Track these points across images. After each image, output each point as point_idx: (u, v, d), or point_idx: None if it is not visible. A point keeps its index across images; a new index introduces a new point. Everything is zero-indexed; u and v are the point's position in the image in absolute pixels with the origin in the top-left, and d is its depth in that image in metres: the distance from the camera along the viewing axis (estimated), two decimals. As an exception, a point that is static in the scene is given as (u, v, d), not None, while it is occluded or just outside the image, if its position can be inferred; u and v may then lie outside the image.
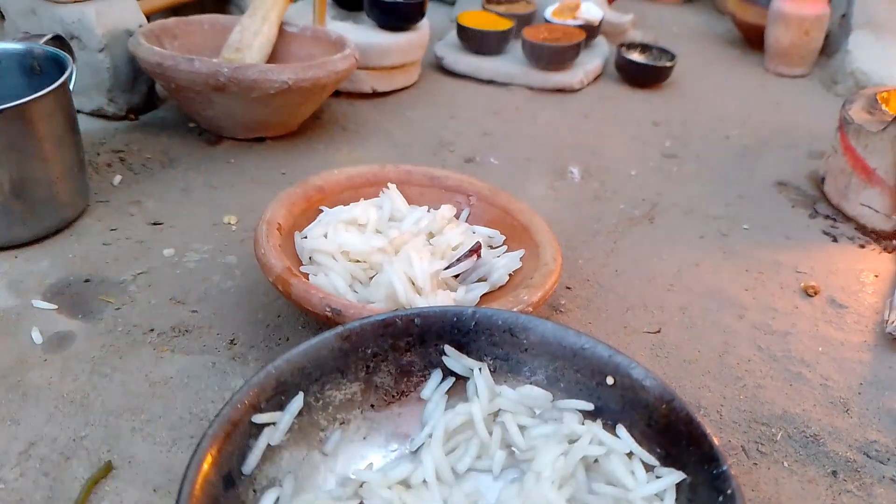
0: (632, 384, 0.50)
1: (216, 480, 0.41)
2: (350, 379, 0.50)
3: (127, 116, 1.04)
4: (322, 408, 0.49)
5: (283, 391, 0.47)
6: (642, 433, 0.49)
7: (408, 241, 0.67)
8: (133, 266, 0.76)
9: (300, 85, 0.93)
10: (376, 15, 1.23)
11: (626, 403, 0.50)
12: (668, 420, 0.48)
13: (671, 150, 1.16)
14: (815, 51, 1.56)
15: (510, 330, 0.53)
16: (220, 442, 0.42)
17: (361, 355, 0.51)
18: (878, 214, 0.95)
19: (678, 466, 0.47)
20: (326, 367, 0.49)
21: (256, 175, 0.95)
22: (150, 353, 0.65)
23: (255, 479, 0.44)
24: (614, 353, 0.51)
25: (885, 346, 0.74)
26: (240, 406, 0.44)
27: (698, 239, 0.91)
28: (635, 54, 1.45)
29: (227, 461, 0.43)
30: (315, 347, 0.49)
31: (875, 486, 0.59)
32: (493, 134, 1.15)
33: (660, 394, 0.49)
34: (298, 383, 0.48)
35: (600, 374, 0.51)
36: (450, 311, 0.53)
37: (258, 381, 0.46)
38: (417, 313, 0.52)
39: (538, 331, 0.53)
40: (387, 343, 0.52)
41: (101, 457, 0.55)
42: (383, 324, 0.51)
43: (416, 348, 0.52)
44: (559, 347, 0.53)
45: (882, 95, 1.04)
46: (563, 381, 0.53)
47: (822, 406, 0.66)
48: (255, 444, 0.45)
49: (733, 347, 0.72)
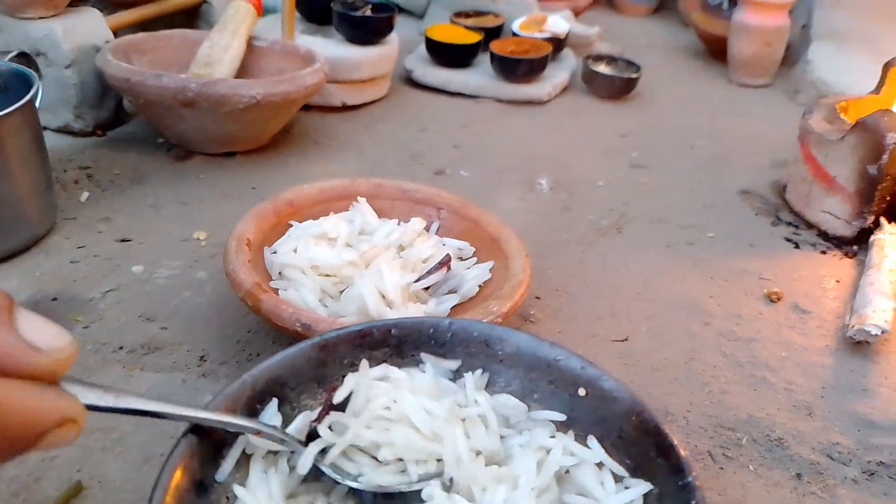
0: (603, 395, 0.51)
1: (188, 488, 0.41)
2: (326, 388, 0.51)
3: (94, 133, 1.04)
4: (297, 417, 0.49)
5: (259, 400, 0.47)
6: (613, 444, 0.50)
7: (378, 254, 0.68)
8: (102, 283, 0.75)
9: (270, 99, 0.93)
10: (345, 29, 1.24)
11: (597, 415, 0.51)
12: (638, 431, 0.49)
13: (638, 160, 1.18)
14: (777, 61, 1.60)
15: (486, 341, 0.54)
16: (193, 450, 0.42)
17: (338, 365, 0.51)
18: (839, 221, 0.97)
19: (646, 477, 0.48)
20: (302, 377, 0.50)
21: (227, 190, 0.95)
22: (120, 370, 0.65)
23: (229, 488, 0.44)
24: (587, 365, 0.52)
25: (846, 350, 0.76)
26: (213, 414, 0.44)
27: (665, 248, 0.93)
28: (602, 66, 1.47)
29: (200, 469, 0.43)
30: (291, 357, 0.49)
31: (838, 487, 0.60)
32: (463, 146, 1.16)
33: (630, 405, 0.50)
34: (274, 392, 0.48)
35: (573, 386, 0.52)
36: (427, 322, 0.54)
37: (233, 391, 0.46)
38: (395, 324, 0.53)
39: (513, 342, 0.54)
40: (363, 353, 0.52)
41: (72, 476, 0.55)
42: (360, 334, 0.52)
43: (392, 358, 0.53)
44: (533, 359, 0.53)
45: (841, 105, 1.06)
46: (537, 392, 0.54)
47: (786, 410, 0.67)
48: (230, 452, 0.45)
49: (699, 354, 0.74)
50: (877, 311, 0.76)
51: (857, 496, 0.59)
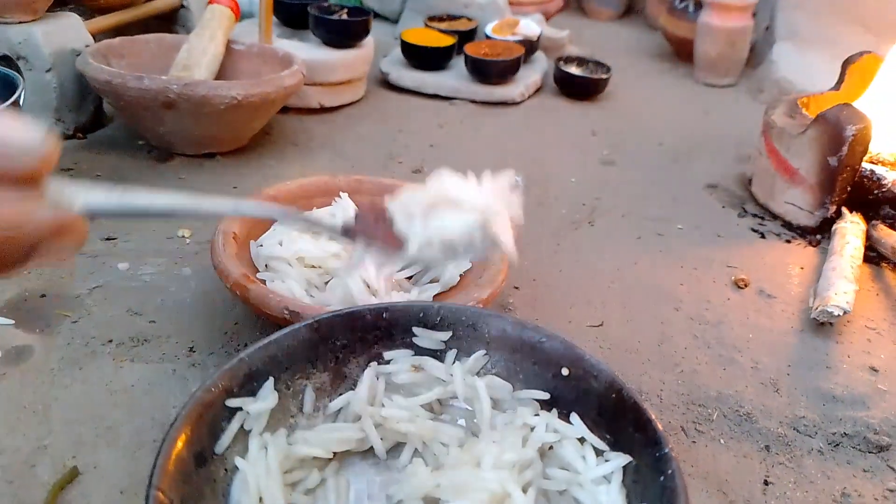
0: (584, 375, 0.53)
1: (188, 458, 0.43)
2: (319, 369, 0.53)
3: (75, 135, 1.05)
4: (293, 395, 0.51)
5: (256, 378, 0.49)
6: (593, 420, 0.52)
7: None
8: (88, 280, 0.77)
9: (249, 100, 0.95)
10: (322, 32, 1.26)
11: (579, 393, 0.54)
12: (617, 408, 0.51)
13: (608, 157, 1.22)
14: (742, 61, 1.65)
15: (473, 325, 0.57)
16: (193, 422, 0.44)
17: (331, 346, 0.53)
18: (802, 211, 1.01)
19: (625, 450, 0.50)
20: (297, 357, 0.52)
21: (208, 190, 0.96)
22: (110, 363, 0.66)
23: (227, 459, 0.46)
24: (569, 347, 0.54)
25: (810, 330, 0.80)
26: (213, 389, 0.46)
27: (636, 239, 0.96)
28: (573, 68, 1.51)
29: (200, 440, 0.45)
30: (286, 337, 0.51)
31: (804, 457, 0.63)
32: (439, 146, 1.19)
33: (610, 383, 0.52)
34: (270, 371, 0.50)
35: (556, 366, 0.54)
36: (416, 306, 0.56)
37: (231, 367, 0.48)
38: (386, 307, 0.55)
39: (499, 326, 0.56)
40: (356, 335, 0.54)
41: (66, 463, 0.56)
42: (352, 317, 0.54)
43: (383, 341, 0.55)
44: (518, 341, 0.56)
45: (802, 100, 1.11)
46: (522, 373, 0.56)
47: (753, 387, 0.71)
48: (228, 426, 0.47)
49: (670, 337, 0.77)
50: (839, 294, 0.80)
51: (823, 465, 0.63)
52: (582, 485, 0.50)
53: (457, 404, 0.56)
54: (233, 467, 0.47)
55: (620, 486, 0.49)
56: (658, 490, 0.46)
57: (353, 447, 0.52)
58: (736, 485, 0.60)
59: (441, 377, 0.55)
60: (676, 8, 1.75)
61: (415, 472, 0.49)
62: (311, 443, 0.50)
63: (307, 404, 0.53)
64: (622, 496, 0.48)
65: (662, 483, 0.46)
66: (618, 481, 0.49)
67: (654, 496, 0.46)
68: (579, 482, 0.50)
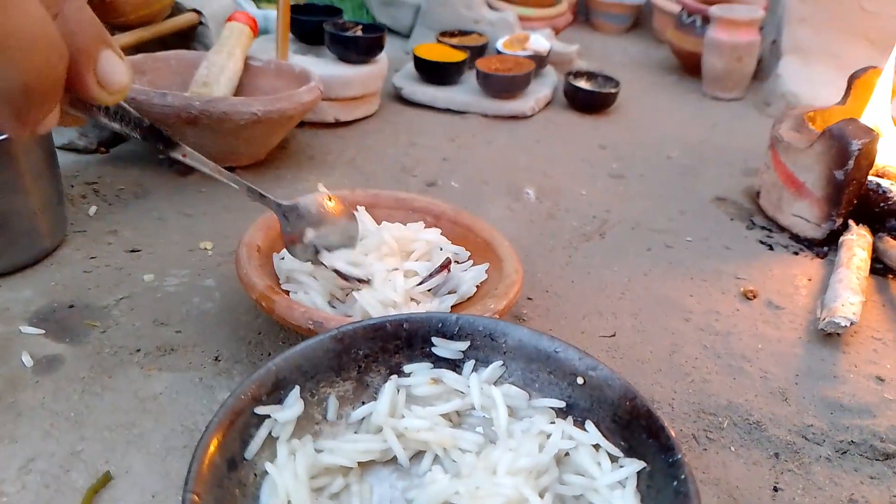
0: (599, 384, 0.55)
1: (221, 463, 0.45)
2: (343, 377, 0.55)
3: (98, 150, 1.08)
4: (317, 403, 0.54)
5: (282, 386, 0.51)
6: (608, 428, 0.54)
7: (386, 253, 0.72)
8: (114, 292, 0.79)
9: (269, 116, 0.98)
10: (337, 48, 1.29)
11: (594, 401, 0.55)
12: (631, 416, 0.53)
13: (618, 170, 1.24)
14: (748, 75, 1.67)
15: (490, 335, 0.58)
16: (224, 428, 0.46)
17: (354, 356, 0.56)
18: (809, 224, 1.03)
19: (639, 456, 0.52)
20: (321, 366, 0.54)
21: (227, 203, 0.99)
22: (138, 371, 0.68)
23: (256, 465, 0.48)
24: (584, 356, 0.56)
25: (817, 341, 0.82)
26: (243, 397, 0.48)
27: (646, 251, 0.98)
28: (582, 82, 1.53)
29: (231, 446, 0.47)
30: (311, 348, 0.53)
31: (813, 464, 0.65)
32: (451, 159, 1.21)
33: (624, 392, 0.54)
34: (296, 380, 0.52)
35: (571, 375, 0.56)
36: (435, 317, 0.58)
37: (259, 376, 0.50)
38: (406, 318, 0.57)
39: (515, 336, 0.58)
40: (377, 345, 0.56)
41: (99, 468, 0.58)
42: (374, 328, 0.56)
43: (403, 350, 0.57)
44: (534, 351, 0.58)
45: (809, 115, 1.13)
46: (538, 382, 0.58)
47: (762, 396, 0.73)
48: (257, 433, 0.49)
49: (681, 347, 0.79)
50: (845, 305, 0.82)
51: (831, 472, 0.64)
52: (597, 490, 0.51)
53: (475, 413, 0.58)
54: (262, 472, 0.49)
55: (635, 492, 0.50)
56: (671, 495, 0.48)
57: (377, 458, 0.54)
58: (746, 491, 0.62)
59: (459, 389, 0.57)
60: (684, 23, 1.77)
61: (434, 479, 0.51)
62: (336, 452, 0.52)
63: (331, 412, 0.55)
64: (637, 501, 0.50)
65: (675, 488, 0.48)
66: (632, 486, 0.51)
67: (667, 501, 0.48)
68: (595, 487, 0.52)
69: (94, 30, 0.37)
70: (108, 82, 0.37)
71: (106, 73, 0.37)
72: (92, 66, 0.37)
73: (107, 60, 0.37)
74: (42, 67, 0.34)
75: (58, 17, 0.35)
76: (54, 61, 0.34)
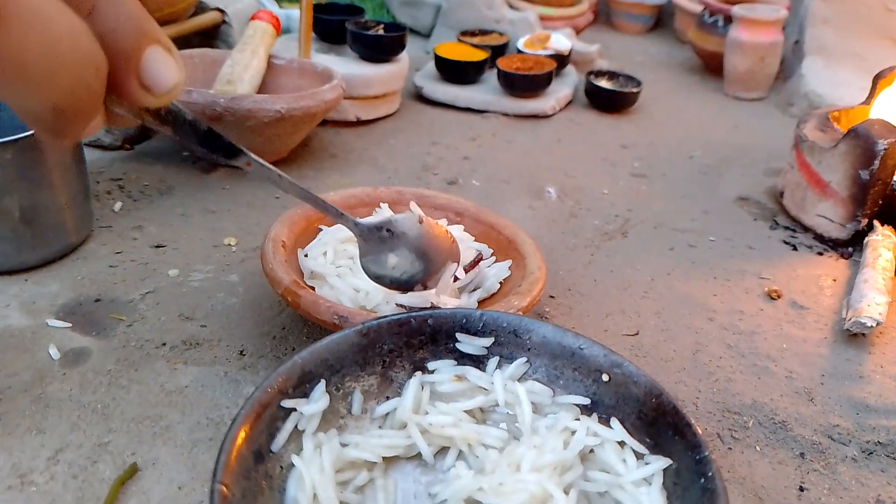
0: (624, 381, 0.55)
1: (248, 454, 0.45)
2: (368, 372, 0.55)
3: (122, 146, 1.09)
4: (342, 397, 0.54)
5: (308, 380, 0.52)
6: (633, 425, 0.54)
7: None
8: (140, 286, 0.80)
9: (292, 114, 0.98)
10: (359, 48, 1.29)
11: (619, 398, 0.55)
12: (657, 413, 0.53)
13: (639, 170, 1.24)
14: (771, 75, 1.66)
15: (514, 331, 0.58)
16: (251, 421, 0.46)
17: (378, 351, 0.56)
18: (834, 224, 1.02)
19: (665, 454, 0.51)
20: (346, 360, 0.54)
21: (251, 200, 0.99)
22: (164, 365, 0.69)
23: (282, 457, 0.49)
24: (609, 353, 0.56)
25: (842, 342, 0.81)
26: (269, 390, 0.48)
27: (668, 250, 0.98)
28: (603, 81, 1.53)
29: (258, 439, 0.47)
30: (336, 342, 0.53)
31: (839, 464, 0.65)
32: (472, 158, 1.21)
33: (649, 389, 0.54)
34: (321, 373, 0.52)
35: (596, 372, 0.56)
36: (459, 313, 0.58)
37: (285, 370, 0.50)
38: (430, 314, 0.57)
39: (539, 332, 0.58)
40: (402, 340, 0.56)
41: (126, 460, 0.59)
42: (399, 323, 0.56)
43: (427, 346, 0.57)
44: (559, 347, 0.57)
45: (833, 115, 1.12)
46: (563, 379, 0.57)
47: (788, 396, 0.72)
48: (283, 426, 0.49)
49: (705, 346, 0.78)
50: (871, 305, 0.81)
51: (857, 473, 0.64)
52: (623, 487, 0.51)
53: (499, 410, 0.58)
54: (287, 465, 0.49)
55: (661, 488, 0.50)
56: (699, 492, 0.48)
57: (401, 453, 0.54)
58: (772, 490, 0.61)
59: (483, 386, 0.57)
60: (706, 23, 1.76)
61: (458, 475, 0.51)
62: (361, 447, 0.52)
63: (355, 406, 0.55)
64: (663, 498, 0.50)
65: (703, 485, 0.48)
66: (658, 483, 0.51)
67: (694, 498, 0.48)
68: (620, 484, 0.51)
69: (135, 25, 0.32)
70: (153, 84, 0.33)
71: (151, 74, 0.33)
72: (134, 69, 0.32)
73: (152, 59, 0.32)
74: (74, 87, 0.30)
75: (91, 14, 0.31)
76: (89, 78, 0.30)
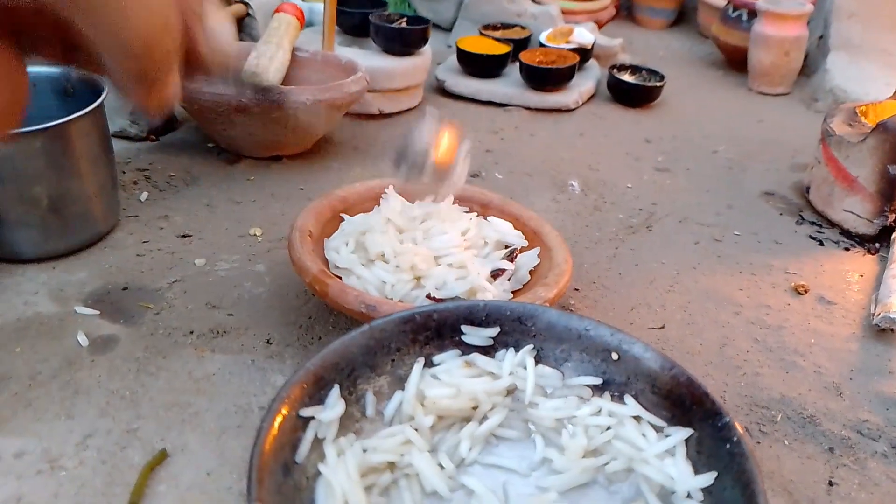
0: (633, 357, 0.54)
1: (276, 469, 0.44)
2: (378, 373, 0.54)
3: (148, 137, 1.09)
4: (355, 400, 0.53)
5: (322, 386, 0.51)
6: (648, 400, 0.53)
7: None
8: (167, 275, 0.80)
9: (318, 105, 0.98)
10: (382, 41, 1.29)
11: (629, 375, 0.55)
12: (671, 386, 0.52)
13: (663, 164, 1.23)
14: (796, 70, 1.64)
15: (519, 318, 0.58)
16: (274, 434, 0.45)
17: (386, 350, 0.55)
18: (861, 219, 1.01)
19: (684, 424, 0.51)
20: (357, 363, 0.53)
21: (276, 191, 1.00)
22: (192, 353, 0.69)
23: (306, 468, 0.47)
24: (615, 332, 0.56)
25: (871, 337, 0.80)
26: (287, 401, 0.47)
27: (693, 244, 0.97)
28: (626, 75, 1.52)
29: (282, 452, 0.46)
30: (344, 345, 0.52)
31: (868, 460, 0.64)
32: (495, 151, 1.21)
33: (661, 364, 0.53)
34: (334, 378, 0.51)
35: (605, 352, 0.56)
36: (462, 306, 0.58)
37: (299, 378, 0.49)
38: (434, 309, 0.57)
39: (544, 318, 0.58)
40: (408, 338, 0.56)
41: (155, 446, 0.59)
42: (404, 320, 0.56)
43: (433, 341, 0.57)
44: (565, 331, 0.57)
45: (861, 109, 1.11)
46: (571, 361, 0.57)
47: (816, 390, 0.71)
48: (304, 435, 0.48)
49: (732, 340, 0.78)
50: (900, 301, 0.80)
51: (887, 468, 0.63)
52: (647, 461, 0.50)
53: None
54: (312, 475, 0.48)
55: (686, 458, 0.50)
56: (726, 457, 0.47)
57: (419, 446, 0.54)
58: (801, 485, 0.61)
59: (492, 370, 0.56)
60: (729, 17, 1.75)
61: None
62: (381, 449, 0.51)
63: (369, 408, 0.54)
64: (689, 467, 0.49)
65: (729, 450, 0.47)
66: (682, 453, 0.50)
67: (722, 464, 0.47)
68: (644, 458, 0.50)
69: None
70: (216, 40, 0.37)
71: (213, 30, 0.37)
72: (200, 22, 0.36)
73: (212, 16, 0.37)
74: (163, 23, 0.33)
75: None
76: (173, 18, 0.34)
